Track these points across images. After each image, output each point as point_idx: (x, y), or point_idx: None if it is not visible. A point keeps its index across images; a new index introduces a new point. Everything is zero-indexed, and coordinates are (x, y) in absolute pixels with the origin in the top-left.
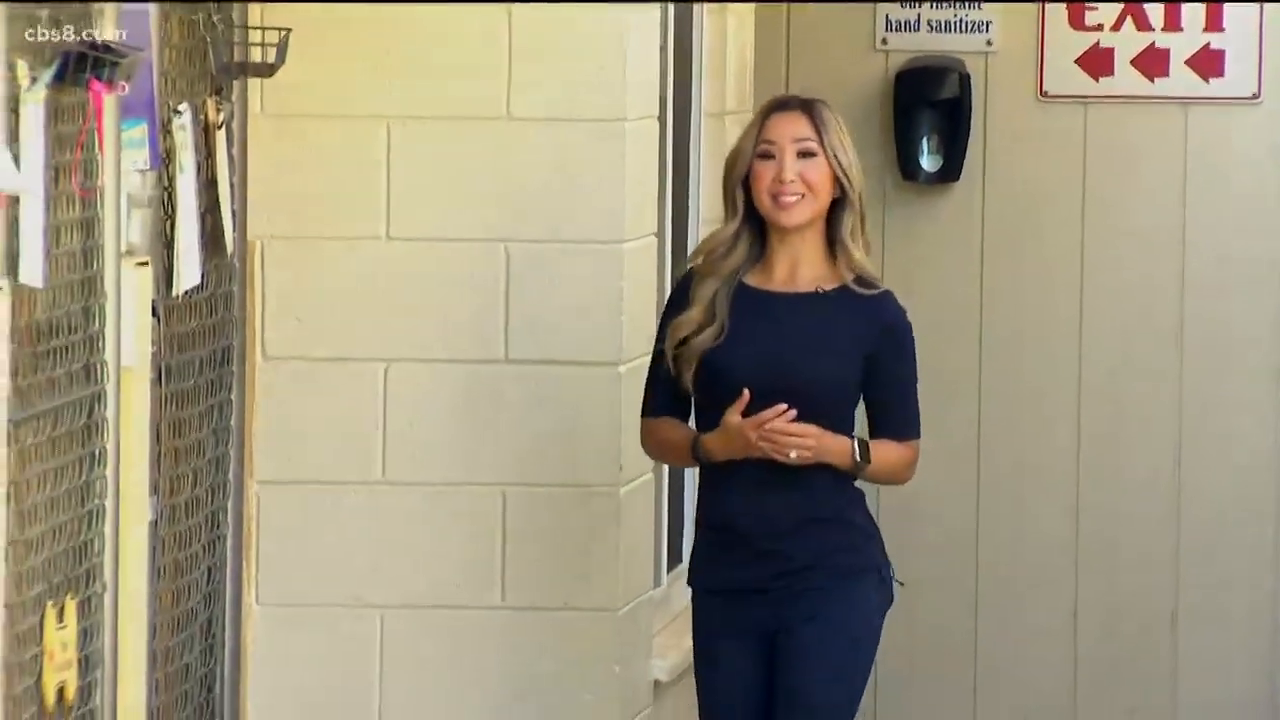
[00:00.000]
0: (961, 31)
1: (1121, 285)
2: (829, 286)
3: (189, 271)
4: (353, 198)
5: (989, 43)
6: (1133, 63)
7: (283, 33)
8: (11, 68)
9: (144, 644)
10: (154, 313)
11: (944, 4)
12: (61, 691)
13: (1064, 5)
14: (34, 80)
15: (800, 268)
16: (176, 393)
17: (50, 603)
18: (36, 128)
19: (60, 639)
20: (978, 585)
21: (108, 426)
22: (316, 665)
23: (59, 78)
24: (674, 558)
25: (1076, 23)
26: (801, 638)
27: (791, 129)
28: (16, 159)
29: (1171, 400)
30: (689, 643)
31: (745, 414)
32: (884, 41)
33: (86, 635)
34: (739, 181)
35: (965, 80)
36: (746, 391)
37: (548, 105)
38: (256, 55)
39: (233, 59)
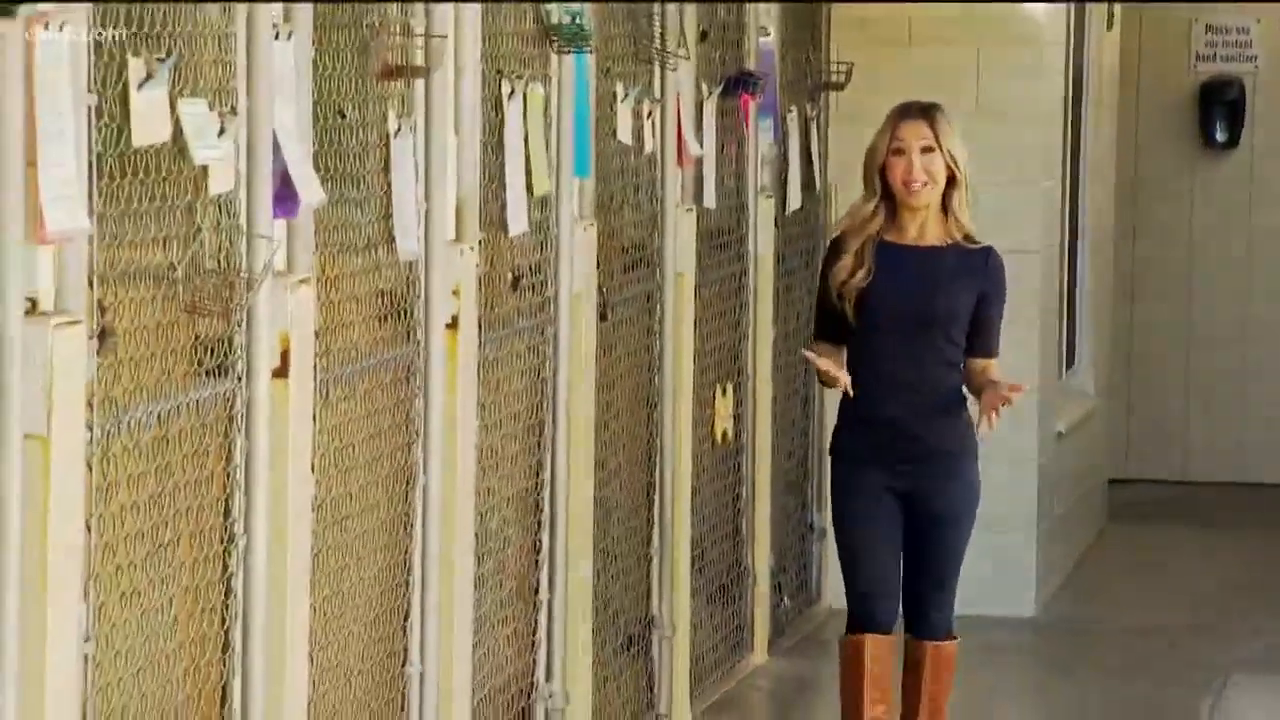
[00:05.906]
0: (1240, 61)
1: None
2: (947, 243)
3: (794, 200)
4: None
5: (1256, 67)
6: None
7: (849, 65)
8: (697, 88)
9: (769, 407)
10: (776, 224)
11: (1231, 46)
12: (724, 434)
13: None
14: (710, 93)
15: (925, 229)
16: (788, 269)
17: (718, 385)
18: (713, 120)
19: (724, 405)
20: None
21: (750, 289)
22: None
23: (724, 92)
24: None
25: None
26: (934, 500)
27: (916, 132)
28: (700, 139)
29: None
30: None
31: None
32: (1194, 66)
33: (739, 404)
34: (877, 169)
35: (1242, 88)
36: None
37: (996, 99)
38: (834, 79)
39: (820, 81)
